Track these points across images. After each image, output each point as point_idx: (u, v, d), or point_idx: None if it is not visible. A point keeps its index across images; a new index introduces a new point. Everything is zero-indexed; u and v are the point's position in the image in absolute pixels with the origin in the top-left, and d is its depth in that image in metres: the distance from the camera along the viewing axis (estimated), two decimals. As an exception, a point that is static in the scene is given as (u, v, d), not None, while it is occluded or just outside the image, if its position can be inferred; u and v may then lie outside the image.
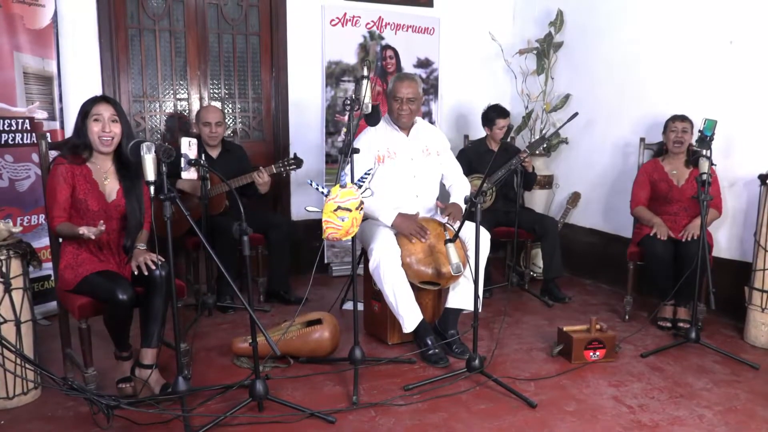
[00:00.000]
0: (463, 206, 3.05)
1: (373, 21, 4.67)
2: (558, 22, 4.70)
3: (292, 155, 3.87)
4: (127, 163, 2.66)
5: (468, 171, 3.59)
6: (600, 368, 3.02)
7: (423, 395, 2.71)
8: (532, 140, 4.61)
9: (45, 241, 3.51)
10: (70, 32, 3.88)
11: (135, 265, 2.57)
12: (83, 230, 2.42)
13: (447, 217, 3.13)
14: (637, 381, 2.89)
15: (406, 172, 3.29)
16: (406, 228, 3.11)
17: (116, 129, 2.61)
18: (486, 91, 5.04)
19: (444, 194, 3.49)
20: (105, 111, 2.59)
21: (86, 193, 2.61)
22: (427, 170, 3.35)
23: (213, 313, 3.77)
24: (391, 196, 3.21)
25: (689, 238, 3.41)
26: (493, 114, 4.22)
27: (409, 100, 3.22)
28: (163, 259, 2.55)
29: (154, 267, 2.55)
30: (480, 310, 2.92)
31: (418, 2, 4.88)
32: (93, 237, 2.44)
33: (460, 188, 3.39)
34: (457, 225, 2.92)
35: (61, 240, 2.69)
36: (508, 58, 5.03)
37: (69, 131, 2.93)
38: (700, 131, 3.32)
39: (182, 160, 2.29)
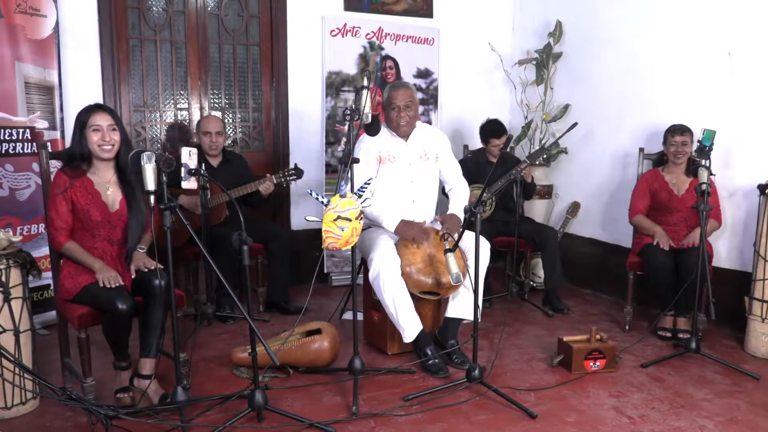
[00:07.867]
0: (462, 216, 3.05)
1: (373, 32, 4.69)
2: (557, 33, 4.72)
3: (292, 165, 3.87)
4: (127, 172, 2.68)
5: (468, 181, 3.59)
6: (600, 378, 3.01)
7: (423, 406, 2.70)
8: (532, 150, 4.63)
9: (45, 251, 3.50)
10: (71, 42, 3.89)
11: (134, 269, 2.62)
12: (101, 279, 2.50)
13: (445, 231, 3.12)
14: (638, 391, 2.88)
15: (404, 177, 3.29)
16: (407, 233, 3.11)
17: (116, 137, 2.63)
18: (485, 102, 5.06)
19: (443, 202, 3.48)
20: (103, 121, 2.60)
21: (88, 204, 2.62)
22: (425, 175, 3.35)
23: (212, 323, 3.76)
24: (389, 200, 3.21)
25: (691, 245, 3.41)
26: (488, 133, 4.23)
27: (406, 106, 3.22)
28: (162, 266, 2.55)
29: (151, 268, 2.58)
30: (480, 320, 2.91)
31: (418, 13, 4.90)
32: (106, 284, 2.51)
33: (459, 194, 3.38)
34: (456, 236, 2.91)
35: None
36: (507, 68, 5.05)
37: (69, 141, 2.94)
38: (699, 141, 3.33)
39: (182, 169, 2.30)
